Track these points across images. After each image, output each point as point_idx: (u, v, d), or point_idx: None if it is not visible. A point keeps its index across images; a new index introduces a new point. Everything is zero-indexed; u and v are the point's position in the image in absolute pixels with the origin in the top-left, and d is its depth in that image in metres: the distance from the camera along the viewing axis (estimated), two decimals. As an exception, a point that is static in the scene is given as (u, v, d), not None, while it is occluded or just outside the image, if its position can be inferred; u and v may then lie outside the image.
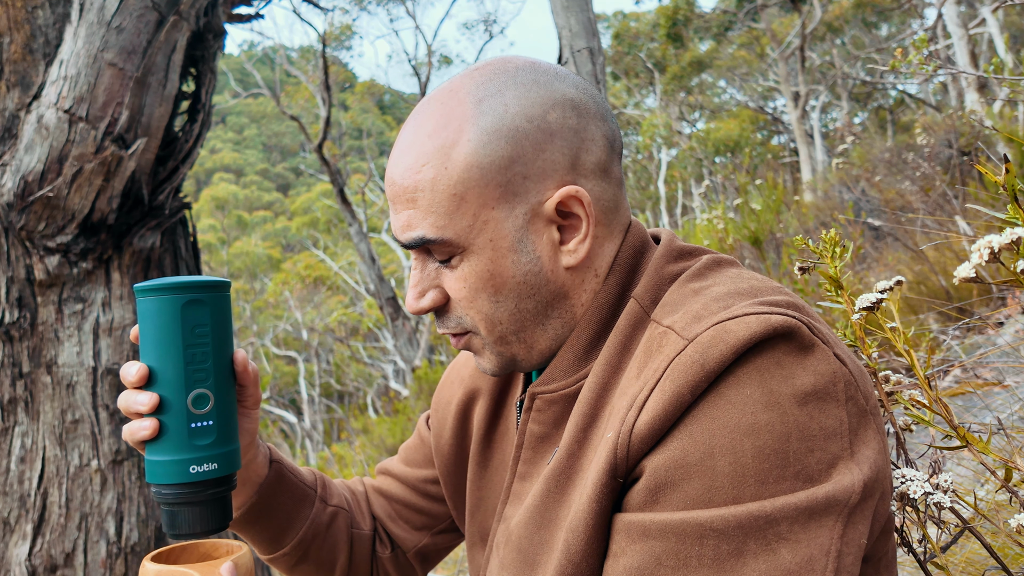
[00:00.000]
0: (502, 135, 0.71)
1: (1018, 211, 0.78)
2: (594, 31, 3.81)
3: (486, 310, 0.75)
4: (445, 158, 0.71)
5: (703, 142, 16.07)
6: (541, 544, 0.71)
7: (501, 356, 0.78)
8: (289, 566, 0.97)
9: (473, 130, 0.71)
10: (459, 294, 0.75)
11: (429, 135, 0.72)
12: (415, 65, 14.41)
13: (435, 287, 0.77)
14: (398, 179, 0.74)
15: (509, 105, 0.72)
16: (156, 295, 0.71)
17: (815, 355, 0.62)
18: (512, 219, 0.72)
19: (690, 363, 0.62)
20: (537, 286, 0.74)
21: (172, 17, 2.16)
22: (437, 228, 0.72)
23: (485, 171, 0.71)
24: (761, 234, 5.24)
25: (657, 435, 0.62)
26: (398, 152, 0.75)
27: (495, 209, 0.71)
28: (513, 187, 0.71)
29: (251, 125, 49.28)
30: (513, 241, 0.72)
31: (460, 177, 0.71)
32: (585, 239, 0.74)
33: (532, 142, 0.71)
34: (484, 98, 0.72)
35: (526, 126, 0.71)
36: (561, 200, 0.72)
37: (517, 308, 0.74)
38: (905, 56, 1.74)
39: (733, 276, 0.73)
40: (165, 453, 0.71)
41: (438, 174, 0.71)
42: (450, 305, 0.77)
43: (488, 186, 0.71)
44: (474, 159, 0.71)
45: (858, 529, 0.60)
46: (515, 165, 0.71)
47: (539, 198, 0.72)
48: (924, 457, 0.98)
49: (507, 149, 0.71)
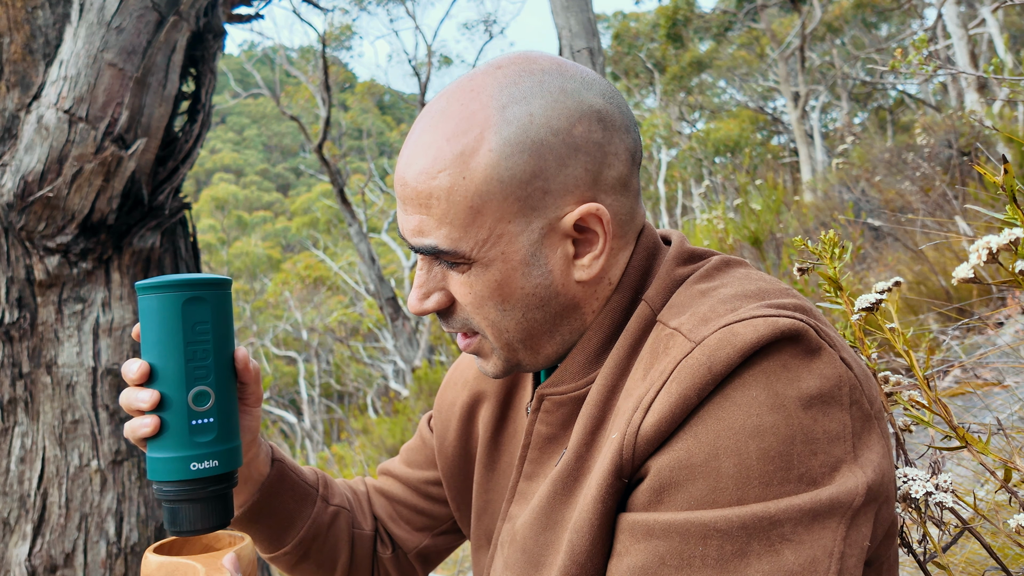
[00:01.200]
0: (525, 148, 0.68)
1: (1016, 212, 0.78)
2: (594, 31, 3.81)
3: (492, 318, 0.74)
4: (464, 167, 0.68)
5: (703, 142, 16.08)
6: (546, 545, 0.71)
7: (507, 361, 0.77)
8: (290, 565, 0.97)
9: (495, 139, 0.68)
10: (465, 299, 0.74)
11: (448, 138, 0.69)
12: (415, 65, 14.41)
13: (440, 289, 0.75)
14: (411, 181, 0.71)
15: (535, 115, 0.68)
16: (157, 292, 0.72)
17: (821, 359, 0.62)
18: (528, 233, 0.70)
19: (697, 366, 0.62)
20: (547, 299, 0.73)
21: (172, 17, 2.16)
22: (451, 240, 0.70)
23: (505, 185, 0.68)
24: (761, 234, 5.24)
25: (663, 436, 0.62)
26: (413, 151, 0.71)
27: (511, 223, 0.69)
28: (532, 201, 0.69)
29: (251, 125, 49.28)
30: (526, 255, 0.71)
31: (479, 190, 0.68)
32: (600, 255, 0.72)
33: (556, 156, 0.69)
34: (508, 104, 0.69)
35: (551, 139, 0.68)
36: (581, 217, 0.70)
37: (524, 318, 0.73)
38: (905, 56, 1.74)
39: (741, 277, 0.72)
40: (166, 450, 0.71)
41: (455, 183, 0.68)
42: (455, 308, 0.76)
43: (507, 200, 0.68)
44: (495, 172, 0.68)
45: (861, 532, 0.60)
46: (536, 180, 0.69)
47: (557, 213, 0.70)
48: (924, 457, 0.98)
49: (530, 163, 0.68)
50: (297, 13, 11.87)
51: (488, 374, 0.79)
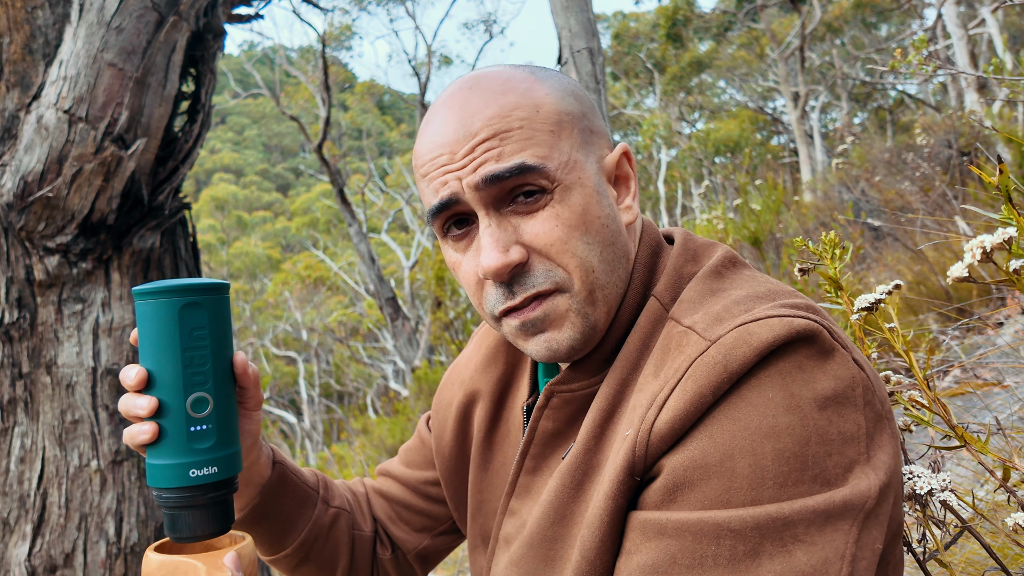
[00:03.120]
0: (568, 93, 0.75)
1: (1011, 211, 0.78)
2: (594, 31, 3.81)
3: (581, 252, 0.70)
4: (535, 102, 0.72)
5: (703, 142, 16.07)
6: (557, 538, 0.71)
7: (586, 320, 0.71)
8: (291, 567, 0.97)
9: (545, 87, 0.74)
10: (551, 236, 0.70)
11: (504, 92, 0.72)
12: (415, 65, 14.41)
13: (516, 243, 0.70)
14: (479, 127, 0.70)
15: (556, 77, 0.76)
16: (153, 298, 0.71)
17: (835, 359, 0.62)
18: (590, 164, 0.74)
19: (713, 364, 0.62)
20: (616, 232, 0.74)
21: (172, 17, 2.16)
22: (539, 156, 0.70)
23: (571, 116, 0.74)
24: (761, 234, 5.24)
25: (677, 434, 0.62)
26: (462, 116, 0.71)
27: (580, 151, 0.73)
28: (587, 137, 0.75)
29: (251, 125, 49.27)
30: (596, 184, 0.74)
31: (555, 117, 0.72)
32: (635, 197, 0.78)
33: (588, 106, 0.77)
34: (534, 71, 0.76)
35: (580, 92, 0.77)
36: (619, 157, 0.77)
37: (604, 254, 0.72)
38: (905, 56, 1.74)
39: (748, 278, 0.73)
40: (165, 457, 0.71)
41: (531, 115, 0.71)
42: (531, 261, 0.71)
43: (575, 130, 0.74)
44: (560, 105, 0.73)
45: (872, 534, 0.60)
46: (585, 119, 0.75)
47: (601, 152, 0.76)
48: (924, 457, 0.98)
49: (576, 105, 0.75)
50: (297, 13, 11.88)
51: (562, 346, 0.72)
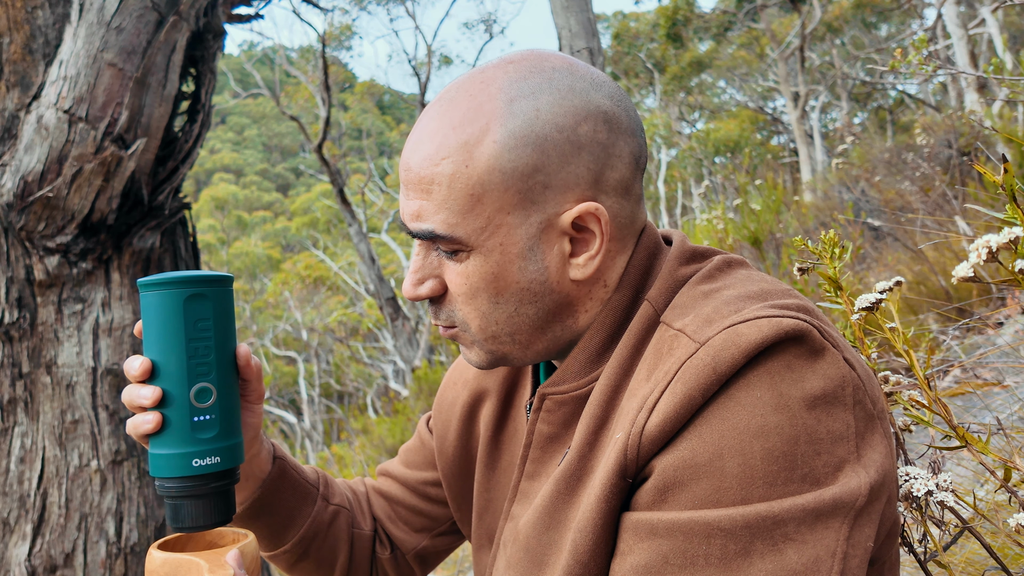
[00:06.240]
0: (529, 142, 0.69)
1: (1016, 211, 0.78)
2: (594, 31, 3.81)
3: (483, 309, 0.74)
4: (468, 155, 0.69)
5: (703, 142, 16.08)
6: (549, 544, 0.72)
7: (491, 353, 0.78)
8: (289, 563, 0.97)
9: (501, 131, 0.69)
10: (459, 289, 0.74)
11: (454, 127, 0.70)
12: (415, 65, 14.41)
13: (435, 276, 0.76)
14: (415, 167, 0.72)
15: (541, 111, 0.69)
16: (159, 289, 0.72)
17: (825, 359, 0.63)
18: (526, 227, 0.71)
19: (701, 366, 0.62)
20: (541, 294, 0.73)
21: (172, 17, 2.16)
22: (448, 225, 0.71)
23: (507, 176, 0.69)
24: (761, 234, 5.24)
25: (667, 436, 0.62)
26: (419, 137, 0.73)
27: (510, 215, 0.70)
28: (532, 195, 0.70)
29: (251, 125, 49.28)
30: (523, 248, 0.71)
31: (480, 178, 0.69)
32: (596, 256, 0.72)
33: (559, 153, 0.69)
34: (516, 98, 0.70)
35: (555, 136, 0.69)
36: (579, 215, 0.71)
37: (516, 312, 0.74)
38: (905, 56, 1.74)
39: (743, 278, 0.73)
40: (168, 447, 0.72)
41: (458, 170, 0.69)
42: (447, 297, 0.76)
43: (507, 191, 0.69)
44: (497, 162, 0.69)
45: (864, 532, 0.60)
46: (538, 174, 0.69)
47: (556, 210, 0.71)
48: (924, 457, 0.98)
49: (532, 157, 0.69)
50: (297, 13, 11.88)
51: (472, 363, 0.80)
